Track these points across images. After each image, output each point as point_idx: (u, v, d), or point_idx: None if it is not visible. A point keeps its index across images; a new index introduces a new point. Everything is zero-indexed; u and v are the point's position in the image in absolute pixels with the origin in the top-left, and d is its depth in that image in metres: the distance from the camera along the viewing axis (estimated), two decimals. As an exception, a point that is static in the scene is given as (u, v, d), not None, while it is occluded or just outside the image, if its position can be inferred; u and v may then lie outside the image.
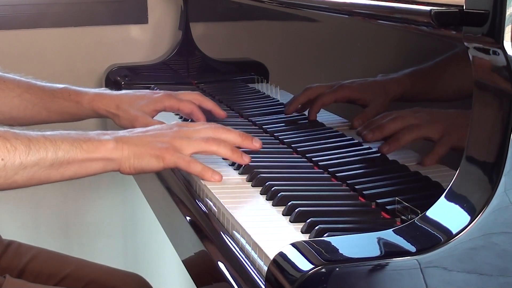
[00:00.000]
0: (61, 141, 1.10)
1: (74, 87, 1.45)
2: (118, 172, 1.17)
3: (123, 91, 1.47)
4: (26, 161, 1.07)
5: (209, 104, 1.45)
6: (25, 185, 1.11)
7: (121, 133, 1.18)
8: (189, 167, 1.16)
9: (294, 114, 1.44)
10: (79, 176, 1.14)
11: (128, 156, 1.14)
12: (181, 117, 1.56)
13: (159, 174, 1.36)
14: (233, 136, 1.21)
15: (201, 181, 1.18)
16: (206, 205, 1.15)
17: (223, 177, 1.20)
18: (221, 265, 0.98)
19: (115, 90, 1.94)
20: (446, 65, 0.99)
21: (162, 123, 1.29)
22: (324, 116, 1.31)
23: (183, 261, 1.19)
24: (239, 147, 1.22)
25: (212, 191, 1.13)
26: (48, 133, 1.12)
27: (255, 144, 1.23)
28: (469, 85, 0.86)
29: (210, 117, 1.44)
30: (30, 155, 1.07)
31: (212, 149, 1.18)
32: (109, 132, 1.18)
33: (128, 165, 1.15)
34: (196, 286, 1.11)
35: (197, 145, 1.18)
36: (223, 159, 1.28)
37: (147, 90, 1.49)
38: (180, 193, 1.24)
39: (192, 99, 1.43)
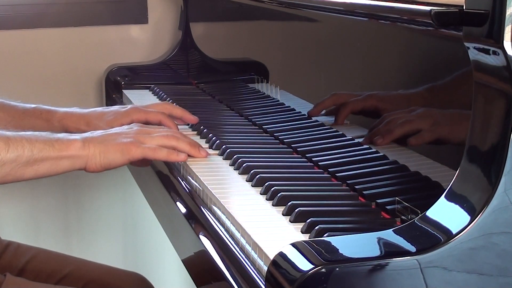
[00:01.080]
0: (36, 140, 1.17)
1: (45, 106, 1.48)
2: (84, 171, 1.23)
3: (91, 109, 1.51)
4: (5, 158, 1.14)
5: (178, 111, 1.48)
6: (1, 181, 1.16)
7: (87, 134, 1.25)
8: (155, 153, 1.24)
9: (294, 114, 1.44)
10: (50, 173, 1.20)
11: (94, 153, 1.21)
12: None
13: (159, 174, 1.36)
14: (184, 143, 1.28)
15: (202, 181, 1.18)
16: (206, 205, 1.15)
17: (223, 178, 1.20)
18: (221, 264, 0.98)
19: (117, 91, 1.95)
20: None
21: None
22: (324, 116, 1.31)
23: (183, 261, 1.19)
24: None
25: (212, 191, 1.13)
26: (23, 132, 1.18)
27: (202, 153, 1.29)
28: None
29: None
30: (9, 152, 1.14)
31: (172, 143, 1.26)
32: (74, 134, 1.25)
33: (94, 162, 1.22)
34: (196, 286, 1.11)
35: (158, 139, 1.25)
36: (223, 158, 1.28)
37: (115, 106, 1.51)
38: (180, 193, 1.24)
39: (160, 109, 1.46)
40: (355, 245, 0.84)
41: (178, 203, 1.23)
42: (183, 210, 1.19)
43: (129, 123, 1.41)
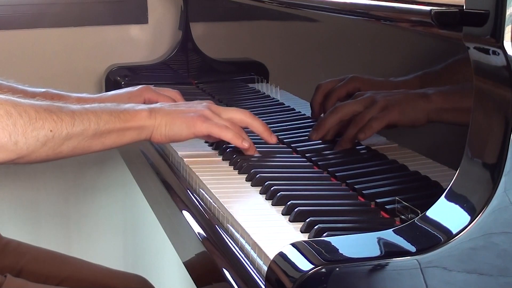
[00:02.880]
0: (101, 112, 1.17)
1: (55, 90, 1.49)
2: (149, 140, 1.24)
3: (102, 93, 1.52)
4: (72, 132, 1.13)
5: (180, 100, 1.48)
6: (69, 155, 1.16)
7: (154, 105, 1.25)
8: (221, 132, 1.24)
9: (294, 114, 1.44)
10: (117, 144, 1.21)
11: (160, 124, 1.22)
12: None
13: (160, 174, 1.36)
14: (257, 124, 1.29)
15: (202, 180, 1.18)
16: (205, 205, 1.15)
17: (223, 177, 1.20)
18: (220, 264, 0.98)
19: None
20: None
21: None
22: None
23: (183, 262, 1.19)
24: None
25: (212, 190, 1.13)
26: (88, 105, 1.18)
27: (273, 139, 1.30)
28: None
29: None
30: (75, 126, 1.13)
31: (248, 120, 1.27)
32: (141, 104, 1.25)
33: (159, 133, 1.22)
34: (196, 286, 1.11)
35: (233, 112, 1.27)
36: (223, 159, 1.28)
37: (126, 88, 1.51)
38: (179, 193, 1.24)
39: (171, 95, 1.48)
40: (355, 245, 0.84)
41: (177, 203, 1.23)
42: (183, 210, 1.19)
43: (141, 102, 1.43)
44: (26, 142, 1.08)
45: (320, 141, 1.28)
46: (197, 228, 1.11)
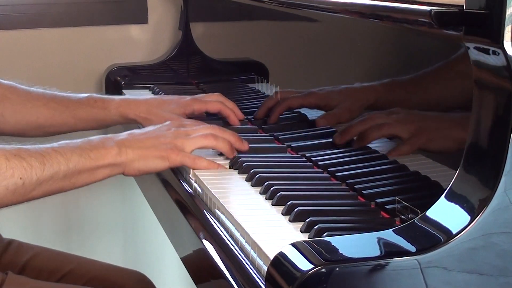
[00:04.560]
0: (71, 153, 1.15)
1: (98, 95, 1.49)
2: (123, 174, 1.22)
3: (148, 97, 1.52)
4: (42, 177, 1.12)
5: (230, 104, 1.48)
6: (40, 197, 1.16)
7: (122, 136, 1.23)
8: (195, 164, 1.23)
9: (293, 114, 1.44)
10: (88, 183, 1.20)
11: (132, 159, 1.20)
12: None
13: (159, 174, 1.36)
14: (228, 134, 1.27)
15: (201, 180, 1.18)
16: (205, 204, 1.15)
17: (222, 177, 1.20)
18: (220, 264, 0.98)
19: (117, 91, 1.95)
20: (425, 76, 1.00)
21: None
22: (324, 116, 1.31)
23: (182, 260, 1.19)
24: None
25: (212, 190, 1.13)
26: (56, 145, 1.17)
27: (245, 146, 1.29)
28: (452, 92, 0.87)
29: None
30: (45, 171, 1.12)
31: (211, 143, 1.25)
32: (109, 136, 1.23)
33: (132, 168, 1.21)
34: (196, 285, 1.11)
35: (197, 141, 1.24)
36: (223, 158, 1.28)
37: (172, 96, 1.51)
38: (179, 193, 1.24)
39: (216, 99, 1.48)
40: (355, 245, 0.84)
41: (177, 203, 1.23)
42: (182, 209, 1.19)
43: (191, 113, 1.44)
44: None
45: (320, 141, 1.28)
46: (196, 228, 1.11)
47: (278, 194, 1.08)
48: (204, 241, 1.06)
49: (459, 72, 0.92)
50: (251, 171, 1.19)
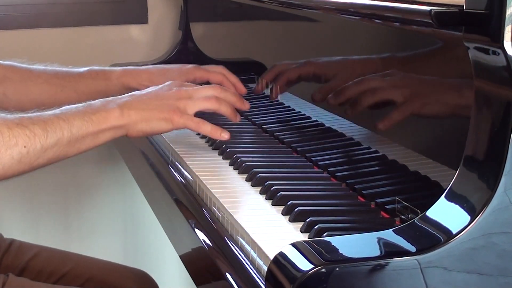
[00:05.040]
0: (73, 118, 1.14)
1: (99, 67, 1.49)
2: (126, 136, 1.21)
3: (150, 66, 1.52)
4: (46, 144, 1.11)
5: (232, 78, 1.48)
6: (46, 165, 1.14)
7: (124, 98, 1.22)
8: (199, 127, 1.23)
9: (294, 114, 1.44)
10: (92, 147, 1.18)
11: (135, 120, 1.19)
12: None
13: (159, 173, 1.36)
14: (230, 94, 1.28)
15: (201, 180, 1.18)
16: (205, 205, 1.15)
17: (222, 177, 1.20)
18: (220, 264, 0.98)
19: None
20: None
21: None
22: (324, 116, 1.31)
23: (182, 260, 1.19)
24: None
25: (212, 190, 1.13)
26: (58, 111, 1.16)
27: (246, 105, 1.31)
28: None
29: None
30: (49, 137, 1.11)
31: (214, 106, 1.25)
32: (111, 99, 1.22)
33: (136, 130, 1.20)
34: (196, 285, 1.11)
35: (200, 103, 1.24)
36: (223, 158, 1.27)
37: (174, 64, 1.51)
38: (179, 192, 1.24)
39: (220, 71, 1.48)
40: (355, 245, 0.84)
41: (176, 202, 1.23)
42: (182, 209, 1.19)
43: (192, 80, 1.43)
44: (1, 162, 1.07)
45: (320, 141, 1.28)
46: (196, 228, 1.11)
47: (278, 194, 1.08)
48: (203, 240, 1.06)
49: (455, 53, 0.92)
50: (251, 171, 1.19)
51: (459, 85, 0.93)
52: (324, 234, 0.91)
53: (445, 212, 0.83)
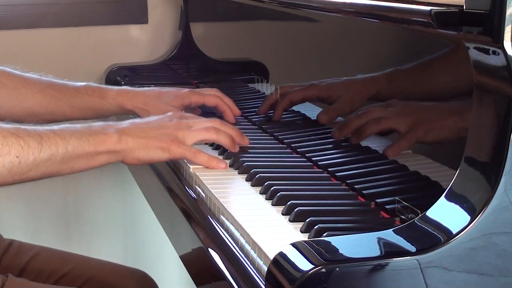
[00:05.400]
0: (70, 136, 1.14)
1: (96, 84, 1.48)
2: (121, 162, 1.21)
3: (146, 88, 1.51)
4: (39, 158, 1.10)
5: (227, 100, 1.48)
6: (37, 179, 1.14)
7: (123, 124, 1.22)
8: (196, 158, 1.23)
9: (294, 114, 1.44)
10: (87, 168, 1.18)
11: (132, 148, 1.19)
12: None
13: (159, 173, 1.36)
14: (229, 128, 1.28)
15: (201, 180, 1.18)
16: (205, 204, 1.15)
17: (222, 177, 1.20)
18: (220, 264, 0.98)
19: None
20: (424, 66, 1.00)
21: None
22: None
23: (182, 261, 1.19)
24: None
25: (212, 190, 1.13)
26: (56, 128, 1.15)
27: (245, 141, 1.30)
28: (450, 84, 0.88)
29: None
30: (43, 151, 1.11)
31: (212, 137, 1.25)
32: (111, 123, 1.22)
33: (132, 156, 1.20)
34: (196, 285, 1.11)
35: (199, 134, 1.24)
36: (223, 158, 1.28)
37: (170, 88, 1.51)
38: (179, 192, 1.24)
39: (213, 93, 1.47)
40: (355, 245, 0.84)
41: (177, 203, 1.23)
42: (182, 209, 1.19)
43: (188, 105, 1.44)
44: None
45: (320, 141, 1.28)
46: (196, 228, 1.11)
47: (278, 194, 1.08)
48: (203, 240, 1.06)
49: (457, 61, 0.92)
50: (251, 171, 1.19)
51: (464, 104, 0.93)
52: (324, 234, 0.91)
53: (445, 212, 0.83)
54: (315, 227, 0.94)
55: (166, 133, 1.21)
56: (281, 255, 0.82)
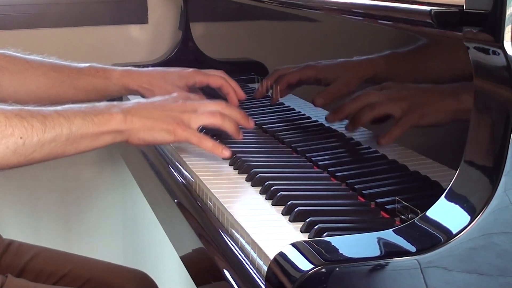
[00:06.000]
0: (74, 116, 1.13)
1: (100, 65, 1.47)
2: (126, 142, 1.20)
3: (150, 68, 1.50)
4: (43, 138, 1.09)
5: (232, 83, 1.47)
6: (42, 160, 1.13)
7: (128, 104, 1.21)
8: (201, 143, 1.21)
9: (294, 114, 1.44)
10: (91, 148, 1.17)
11: (138, 128, 1.18)
12: None
13: (159, 173, 1.36)
14: (235, 111, 1.27)
15: (201, 180, 1.18)
16: (205, 204, 1.15)
17: (223, 177, 1.20)
18: (220, 264, 0.98)
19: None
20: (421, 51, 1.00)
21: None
22: (324, 116, 1.31)
23: (182, 259, 1.19)
24: None
25: (212, 190, 1.13)
26: (60, 108, 1.14)
27: (250, 123, 1.29)
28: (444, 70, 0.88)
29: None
30: (47, 132, 1.10)
31: (217, 122, 1.24)
32: (115, 103, 1.21)
33: (137, 137, 1.18)
34: (196, 285, 1.11)
35: (204, 118, 1.22)
36: (224, 160, 1.28)
37: (174, 68, 1.50)
38: (179, 192, 1.24)
39: (218, 75, 1.47)
40: (355, 245, 0.84)
41: (176, 202, 1.23)
42: (182, 210, 1.19)
43: (192, 84, 1.43)
44: None
45: (320, 141, 1.28)
46: (196, 228, 1.11)
47: (278, 194, 1.08)
48: (203, 240, 1.06)
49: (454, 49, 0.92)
50: (251, 171, 1.19)
51: (459, 86, 0.93)
52: (324, 234, 0.91)
53: (445, 212, 0.83)
54: (315, 227, 0.94)
55: (171, 115, 1.20)
56: (281, 255, 0.82)
